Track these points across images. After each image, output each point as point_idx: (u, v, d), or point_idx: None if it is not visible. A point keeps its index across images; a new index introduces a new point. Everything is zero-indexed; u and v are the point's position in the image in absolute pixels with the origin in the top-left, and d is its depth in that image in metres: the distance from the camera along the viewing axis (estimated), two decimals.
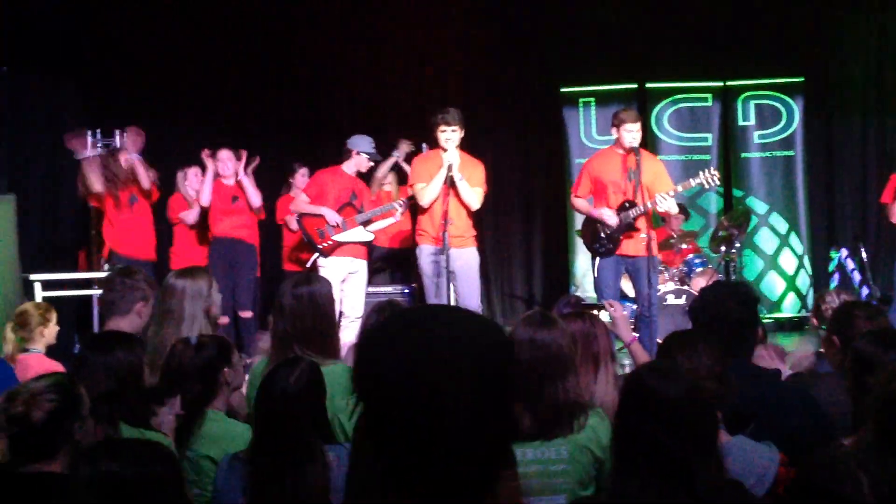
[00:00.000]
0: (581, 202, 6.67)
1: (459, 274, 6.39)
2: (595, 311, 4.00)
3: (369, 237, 6.92)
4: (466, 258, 6.44)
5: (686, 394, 2.09)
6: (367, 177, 7.52)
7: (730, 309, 3.26)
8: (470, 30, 10.07)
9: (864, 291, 7.82)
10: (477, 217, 6.65)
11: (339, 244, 6.77)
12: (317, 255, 6.78)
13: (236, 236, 7.46)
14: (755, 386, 3.10)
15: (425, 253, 6.44)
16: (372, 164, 7.02)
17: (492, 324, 1.26)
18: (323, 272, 6.42)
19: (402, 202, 6.98)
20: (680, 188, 6.41)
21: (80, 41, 8.58)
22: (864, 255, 8.44)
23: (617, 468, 2.13)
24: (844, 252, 8.48)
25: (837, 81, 9.80)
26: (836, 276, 8.67)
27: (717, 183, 6.71)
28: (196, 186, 7.64)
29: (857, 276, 8.25)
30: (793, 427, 2.83)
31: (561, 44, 9.93)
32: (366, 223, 6.90)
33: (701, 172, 6.55)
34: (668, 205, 6.30)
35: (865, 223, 9.50)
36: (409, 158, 7.63)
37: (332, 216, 6.75)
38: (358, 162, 6.89)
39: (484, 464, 1.21)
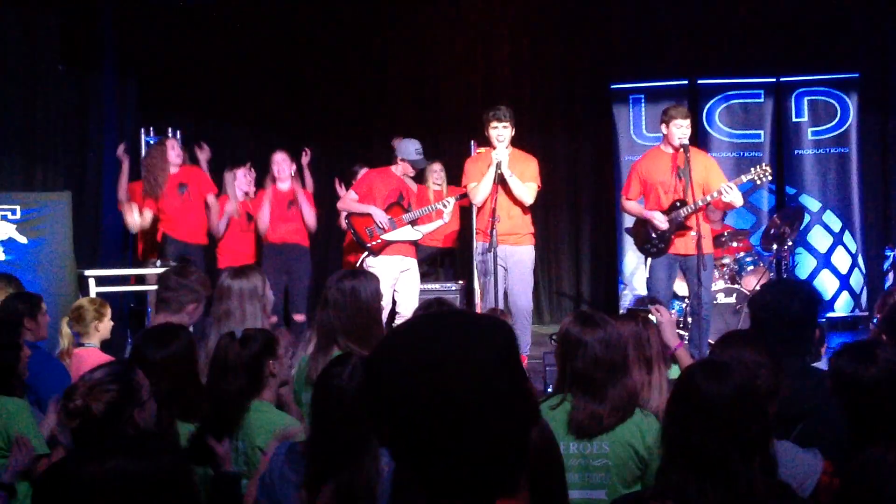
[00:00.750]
0: (632, 204, 6.63)
1: (512, 271, 6.40)
2: (647, 314, 3.98)
3: (417, 236, 6.95)
4: (520, 255, 6.44)
5: (734, 394, 2.08)
6: (419, 176, 7.55)
7: (791, 308, 3.23)
8: (519, 27, 10.07)
9: None
10: (532, 214, 6.64)
11: (388, 243, 6.81)
12: (366, 253, 6.83)
13: (291, 241, 7.52)
14: (808, 387, 3.06)
15: (477, 250, 6.49)
16: (416, 170, 7.01)
17: (493, 322, 1.27)
18: (373, 272, 6.46)
19: (448, 201, 7.00)
20: (732, 183, 6.34)
21: (137, 41, 8.72)
22: None
23: (662, 465, 2.13)
24: None
25: (893, 77, 9.61)
26: (891, 275, 8.50)
27: (769, 179, 6.62)
28: (244, 187, 7.70)
29: None
30: (842, 430, 2.80)
31: (611, 39, 9.89)
32: (413, 222, 6.92)
33: (752, 168, 6.48)
34: (732, 195, 6.22)
35: None
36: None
37: (380, 215, 6.79)
38: (404, 167, 6.92)
39: (507, 460, 1.23)
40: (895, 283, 8.23)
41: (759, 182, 6.58)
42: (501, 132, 6.32)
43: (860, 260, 9.30)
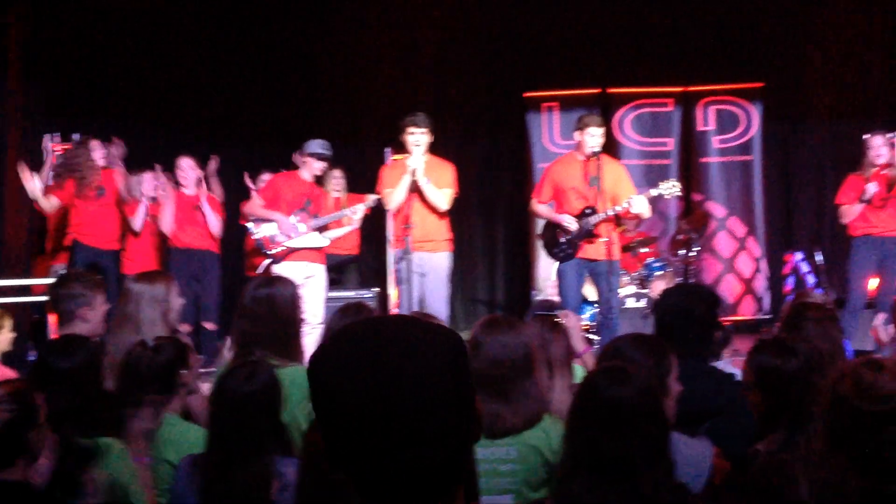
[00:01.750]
0: (542, 207, 6.72)
1: (428, 277, 6.42)
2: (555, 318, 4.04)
3: (324, 242, 6.91)
4: (437, 262, 6.46)
5: (636, 397, 2.13)
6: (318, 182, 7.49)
7: (694, 310, 3.33)
8: (437, 35, 10.10)
9: (819, 294, 7.94)
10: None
11: (293, 250, 6.75)
12: (269, 260, 6.76)
13: (200, 246, 7.40)
14: (712, 386, 3.16)
15: (391, 258, 6.51)
16: (324, 164, 6.96)
17: (444, 329, 1.27)
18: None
19: (357, 208, 6.98)
20: (640, 197, 6.50)
21: (41, 41, 8.46)
22: (819, 258, 8.58)
23: (564, 470, 2.16)
24: (799, 255, 8.62)
25: (795, 87, 9.96)
26: (792, 279, 8.80)
27: (678, 193, 6.81)
28: (150, 192, 7.54)
29: (811, 279, 8.37)
30: (744, 428, 2.90)
31: (524, 48, 9.99)
32: (321, 229, 6.89)
33: (661, 183, 6.65)
34: (642, 206, 6.37)
35: (821, 227, 9.66)
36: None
37: (284, 222, 6.73)
38: (310, 166, 6.86)
39: (448, 470, 1.21)
40: (796, 289, 8.52)
41: (667, 196, 6.75)
42: (418, 138, 6.34)
43: (763, 264, 9.59)
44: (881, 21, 9.78)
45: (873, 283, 7.23)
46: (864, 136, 7.19)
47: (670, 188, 6.60)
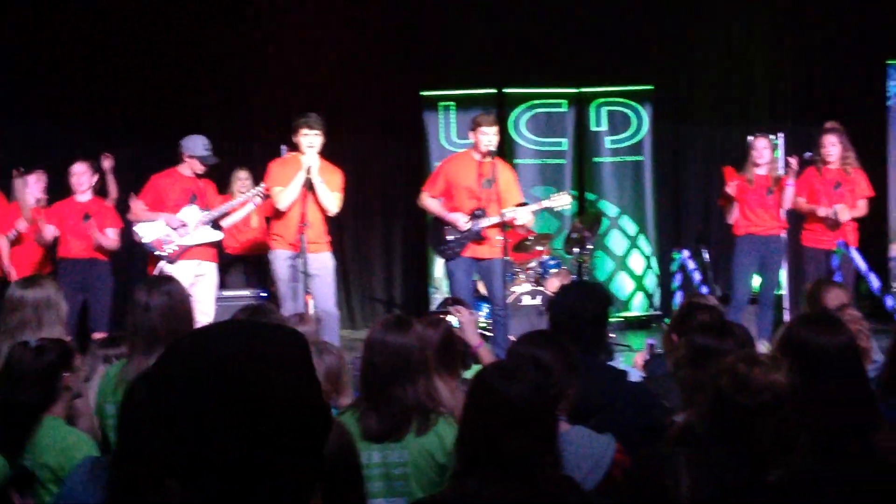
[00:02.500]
0: (432, 202, 6.77)
1: (317, 278, 6.37)
2: (448, 315, 4.07)
3: (217, 237, 6.79)
4: (323, 262, 6.45)
5: (529, 393, 2.16)
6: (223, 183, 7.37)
7: (586, 308, 3.40)
8: (332, 33, 10.02)
9: (705, 291, 8.21)
10: (336, 221, 6.66)
11: (186, 248, 6.61)
12: (162, 262, 6.60)
13: (89, 256, 7.08)
14: (602, 383, 3.24)
15: (281, 258, 6.41)
16: (205, 167, 6.82)
17: (287, 331, 1.27)
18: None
19: (260, 190, 6.86)
20: (535, 207, 6.62)
21: None
22: (706, 256, 8.87)
23: (458, 468, 2.18)
24: (686, 253, 8.88)
25: (684, 90, 10.27)
26: (679, 276, 9.07)
27: (568, 207, 6.97)
28: (38, 193, 7.26)
29: (697, 277, 8.65)
30: (634, 423, 2.98)
31: (421, 47, 10.02)
32: (214, 222, 6.76)
33: (552, 196, 6.83)
34: (525, 217, 6.49)
35: (709, 225, 9.98)
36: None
37: (172, 220, 6.59)
38: (192, 165, 6.73)
39: (297, 472, 1.20)
40: (683, 286, 8.79)
41: (556, 209, 6.90)
42: (312, 140, 6.30)
43: (654, 262, 9.86)
44: (760, 27, 10.18)
45: (756, 280, 7.52)
46: (749, 138, 7.47)
47: (561, 202, 6.75)
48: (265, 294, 7.85)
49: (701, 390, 2.49)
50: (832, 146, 7.26)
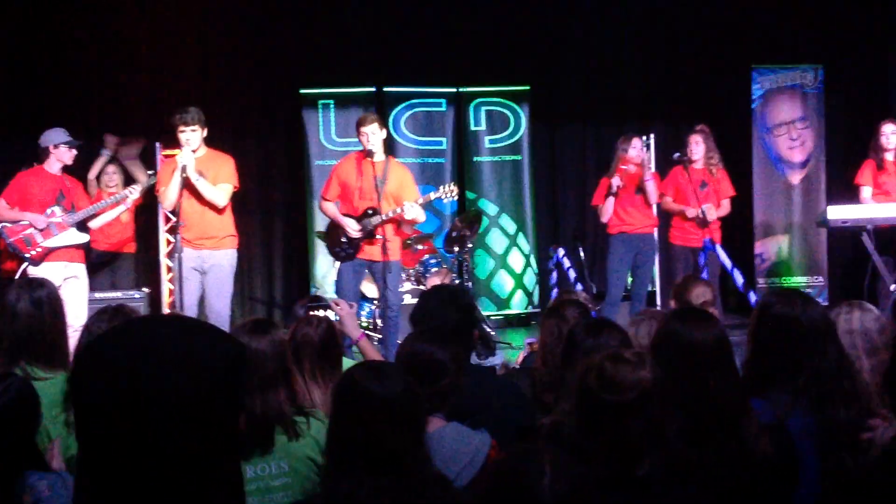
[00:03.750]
0: (329, 206, 6.77)
1: (210, 275, 6.28)
2: (325, 311, 4.06)
3: (83, 238, 6.56)
4: (218, 259, 6.33)
5: (398, 391, 2.17)
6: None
7: (449, 315, 3.43)
8: (210, 28, 9.82)
9: (579, 288, 8.40)
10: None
11: (50, 250, 6.37)
12: (26, 264, 6.33)
13: None
14: (473, 381, 3.28)
15: (167, 256, 6.30)
16: (74, 152, 6.60)
17: (219, 333, 1.24)
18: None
19: (134, 188, 6.67)
20: (422, 201, 6.64)
21: None
22: (581, 253, 9.08)
23: (330, 468, 2.17)
24: (561, 251, 9.08)
25: (560, 90, 10.48)
26: (555, 274, 9.27)
27: (455, 197, 7.03)
28: None
29: (572, 275, 8.84)
30: (505, 418, 3.03)
31: (300, 45, 9.91)
32: (82, 223, 6.54)
33: (441, 187, 6.85)
34: (415, 212, 6.51)
35: (585, 224, 10.22)
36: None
37: (38, 221, 6.34)
38: (58, 156, 6.50)
39: (208, 479, 1.18)
40: (558, 284, 8.98)
41: (445, 200, 6.95)
42: (189, 135, 6.19)
43: (533, 260, 10.03)
44: (631, 30, 10.49)
45: (629, 277, 7.74)
46: (620, 138, 7.67)
47: (449, 193, 6.81)
48: (140, 295, 7.64)
49: (569, 387, 2.55)
50: (696, 146, 7.57)
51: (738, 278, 7.86)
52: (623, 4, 10.32)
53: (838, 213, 6.72)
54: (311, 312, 6.08)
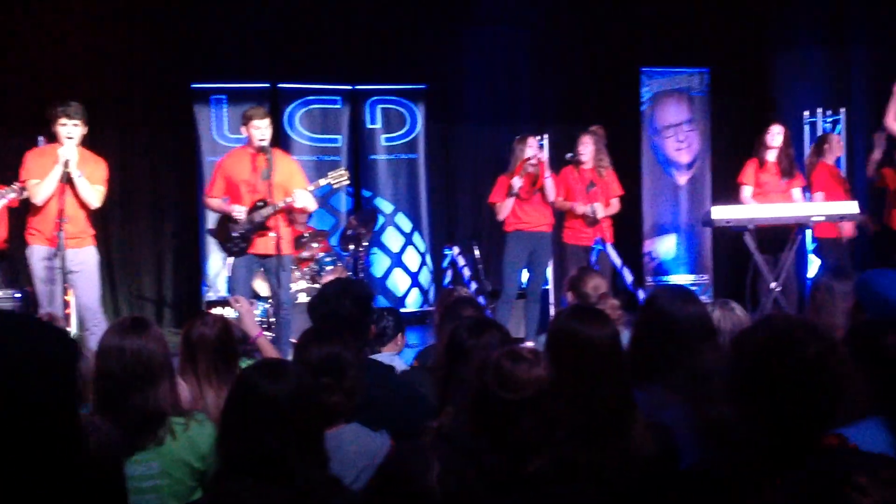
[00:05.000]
0: (215, 201, 6.63)
1: (79, 274, 6.09)
2: (220, 310, 3.99)
3: None
4: (86, 256, 6.15)
5: (292, 392, 2.14)
6: None
7: (344, 306, 3.42)
8: (96, 20, 9.50)
9: (474, 287, 8.47)
10: (100, 215, 6.34)
11: None
12: None
13: None
14: (368, 378, 3.26)
15: (37, 255, 6.04)
16: None
17: (50, 329, 1.20)
18: None
19: (16, 187, 6.41)
20: (311, 187, 6.56)
21: None
22: (476, 252, 9.15)
23: (219, 469, 2.13)
24: (456, 249, 9.13)
25: (455, 89, 10.54)
26: (449, 272, 9.32)
27: (347, 183, 6.96)
28: None
29: (467, 273, 8.91)
30: (400, 416, 3.03)
31: (192, 38, 9.69)
32: None
33: (330, 173, 6.76)
34: (306, 200, 6.43)
35: (480, 222, 10.31)
36: None
37: None
38: None
39: (48, 475, 1.15)
40: (453, 282, 9.03)
41: (335, 186, 6.88)
42: (71, 130, 5.98)
43: (428, 259, 10.06)
44: (531, 38, 10.63)
45: (525, 275, 7.83)
46: (516, 137, 7.76)
47: (339, 178, 6.74)
48: (19, 294, 7.36)
49: (458, 385, 2.55)
50: (585, 147, 7.72)
51: (628, 277, 8.03)
52: (518, 6, 10.44)
53: (722, 213, 6.94)
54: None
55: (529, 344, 4.76)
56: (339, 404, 2.71)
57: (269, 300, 7.56)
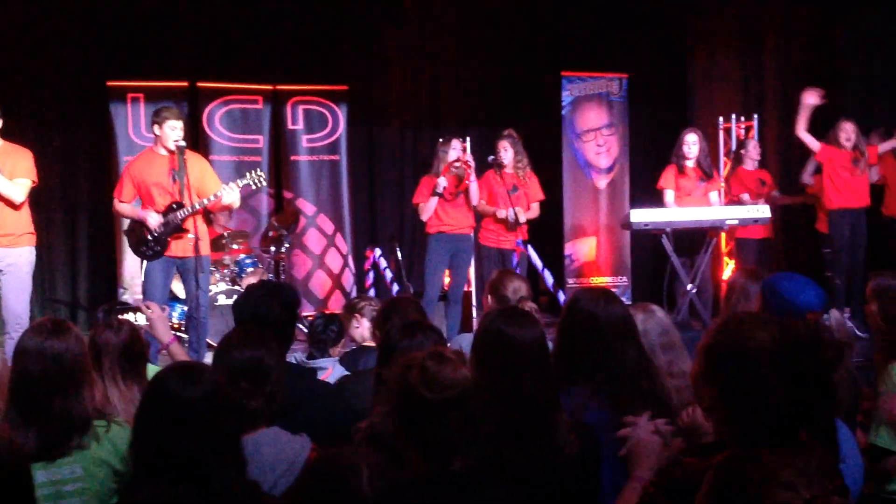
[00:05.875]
0: (125, 206, 6.49)
1: (7, 275, 5.97)
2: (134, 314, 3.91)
3: None
4: (15, 257, 6.00)
5: (207, 394, 2.12)
6: None
7: (271, 309, 3.39)
8: (9, 13, 9.21)
9: (396, 289, 8.48)
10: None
11: None
12: None
13: None
14: (290, 382, 3.24)
15: None
16: None
17: None
18: None
19: None
20: (234, 186, 6.47)
21: None
22: (399, 254, 9.15)
23: (133, 474, 2.10)
24: (378, 251, 9.12)
25: (378, 91, 10.53)
26: (371, 274, 9.30)
27: (264, 184, 6.88)
28: None
29: (389, 275, 8.91)
30: (323, 420, 3.02)
31: (109, 33, 9.48)
32: None
33: (248, 173, 6.67)
34: (233, 196, 6.34)
35: (403, 224, 10.31)
36: None
37: None
38: None
39: None
40: (375, 283, 9.03)
41: (254, 186, 6.79)
42: None
43: (350, 260, 10.02)
44: (454, 42, 10.70)
45: (447, 277, 7.86)
46: (440, 140, 7.78)
47: (257, 178, 6.65)
48: None
49: (387, 386, 2.56)
50: (504, 152, 7.76)
51: (549, 278, 8.14)
52: (442, 10, 10.48)
53: (641, 216, 7.06)
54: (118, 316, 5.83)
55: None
56: (259, 408, 2.69)
57: (186, 302, 7.43)
